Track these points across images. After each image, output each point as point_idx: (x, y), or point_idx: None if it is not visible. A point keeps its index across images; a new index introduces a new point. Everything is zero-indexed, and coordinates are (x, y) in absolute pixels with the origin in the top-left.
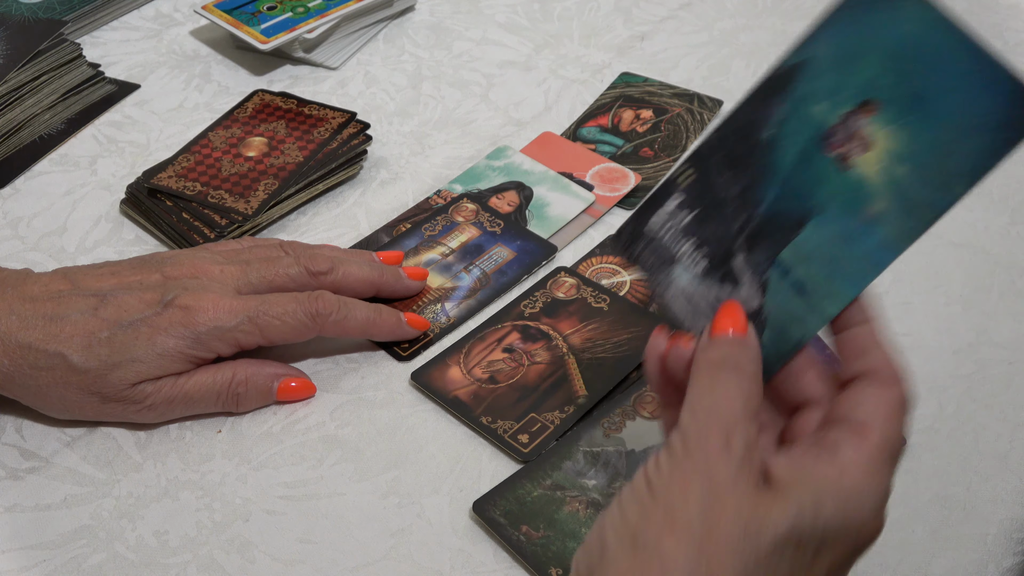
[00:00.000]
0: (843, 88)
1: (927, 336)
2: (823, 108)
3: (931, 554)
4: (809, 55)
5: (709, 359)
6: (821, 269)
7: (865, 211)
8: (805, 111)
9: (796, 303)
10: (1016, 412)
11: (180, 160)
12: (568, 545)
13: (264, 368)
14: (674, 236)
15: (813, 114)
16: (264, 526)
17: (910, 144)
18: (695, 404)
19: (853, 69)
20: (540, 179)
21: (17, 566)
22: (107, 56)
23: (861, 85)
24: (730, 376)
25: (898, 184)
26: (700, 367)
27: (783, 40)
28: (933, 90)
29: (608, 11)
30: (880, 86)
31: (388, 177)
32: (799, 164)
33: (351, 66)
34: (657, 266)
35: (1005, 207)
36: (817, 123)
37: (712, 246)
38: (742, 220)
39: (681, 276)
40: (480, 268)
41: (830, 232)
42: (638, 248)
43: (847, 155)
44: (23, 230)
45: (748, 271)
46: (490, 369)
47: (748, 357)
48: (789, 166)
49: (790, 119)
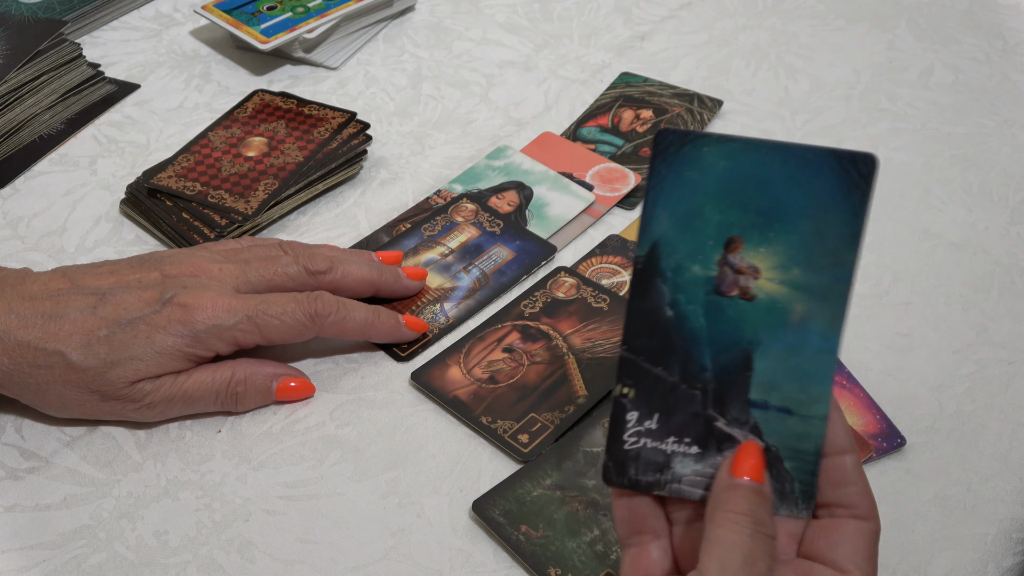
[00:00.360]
0: (701, 244)
1: (927, 336)
2: (698, 268)
3: (931, 554)
4: (657, 236)
5: (736, 507)
6: (791, 385)
7: (791, 320)
8: (684, 279)
9: (791, 424)
10: (1016, 412)
11: (180, 160)
12: (567, 545)
13: (263, 368)
14: (654, 443)
15: (693, 277)
16: (264, 526)
17: (787, 251)
18: (723, 560)
19: (699, 225)
20: (540, 179)
21: (17, 566)
22: (107, 56)
23: (715, 232)
24: (756, 535)
25: (800, 285)
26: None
27: (783, 40)
28: (774, 200)
29: (608, 11)
30: (730, 223)
31: (388, 177)
32: (712, 319)
33: (351, 66)
34: (657, 475)
35: (1005, 207)
36: (702, 281)
37: (692, 431)
38: (700, 393)
39: (683, 469)
40: (479, 268)
41: (776, 353)
42: (631, 473)
43: (745, 289)
44: (23, 230)
45: (735, 427)
46: (490, 369)
47: (768, 513)
48: (705, 327)
49: (677, 294)
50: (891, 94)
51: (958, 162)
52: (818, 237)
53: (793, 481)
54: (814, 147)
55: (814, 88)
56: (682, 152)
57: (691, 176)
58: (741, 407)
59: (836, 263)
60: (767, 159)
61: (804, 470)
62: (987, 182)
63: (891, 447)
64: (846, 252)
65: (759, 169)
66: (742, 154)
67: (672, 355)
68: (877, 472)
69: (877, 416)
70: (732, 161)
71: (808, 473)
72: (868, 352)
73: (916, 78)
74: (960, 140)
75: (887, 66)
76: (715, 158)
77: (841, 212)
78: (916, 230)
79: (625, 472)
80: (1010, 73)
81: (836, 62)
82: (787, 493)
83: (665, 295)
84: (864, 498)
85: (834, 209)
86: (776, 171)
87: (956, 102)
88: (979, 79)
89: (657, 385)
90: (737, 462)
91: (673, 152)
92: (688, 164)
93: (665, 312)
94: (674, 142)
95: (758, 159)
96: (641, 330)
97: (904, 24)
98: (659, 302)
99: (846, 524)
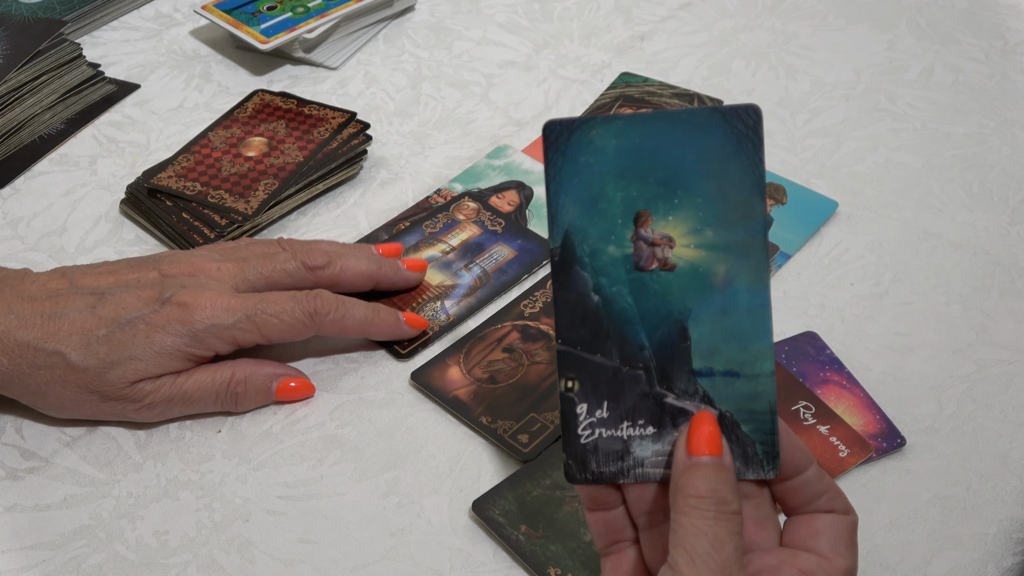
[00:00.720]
0: (611, 224)
1: (927, 336)
2: (613, 249)
3: (931, 554)
4: (566, 225)
5: (696, 491)
6: (731, 347)
7: (715, 283)
8: (602, 262)
9: (739, 386)
10: (1016, 412)
11: (180, 160)
12: (567, 545)
13: (263, 368)
14: (609, 432)
15: (611, 258)
16: (264, 526)
17: (695, 214)
18: (691, 549)
19: (604, 206)
20: (540, 179)
21: (17, 566)
22: (107, 56)
23: (621, 211)
24: (719, 516)
25: (716, 245)
26: (688, 501)
27: (783, 40)
28: (671, 168)
29: (608, 11)
30: (634, 198)
31: (388, 177)
32: (639, 296)
33: (351, 66)
34: (619, 463)
35: (1005, 207)
36: (620, 261)
37: (643, 412)
38: (643, 372)
39: (643, 451)
40: (480, 266)
41: (709, 319)
42: (592, 467)
43: (664, 260)
44: (23, 230)
45: (686, 400)
46: (490, 369)
47: (730, 487)
48: (634, 305)
49: (599, 277)
50: (891, 94)
51: (958, 162)
52: (721, 195)
53: (754, 443)
54: (697, 109)
55: (814, 88)
56: (572, 139)
57: (586, 161)
58: (687, 379)
59: (745, 217)
60: (655, 130)
61: (762, 430)
62: (987, 182)
63: (891, 447)
64: (752, 204)
65: (649, 141)
66: (630, 129)
67: (607, 340)
68: (877, 472)
69: (877, 416)
70: (622, 138)
71: (766, 432)
72: (868, 352)
73: (916, 78)
74: (960, 140)
75: (887, 66)
76: (605, 139)
77: (737, 166)
78: (916, 230)
79: (587, 467)
80: (1010, 73)
81: (836, 62)
82: (750, 456)
83: (588, 281)
84: (837, 500)
85: (729, 165)
86: (666, 139)
87: (956, 102)
88: (979, 79)
89: (599, 373)
90: (692, 437)
91: (564, 141)
92: (581, 150)
93: (591, 299)
94: (563, 131)
95: (646, 131)
96: (572, 321)
97: (904, 24)
98: (583, 289)
99: (824, 517)
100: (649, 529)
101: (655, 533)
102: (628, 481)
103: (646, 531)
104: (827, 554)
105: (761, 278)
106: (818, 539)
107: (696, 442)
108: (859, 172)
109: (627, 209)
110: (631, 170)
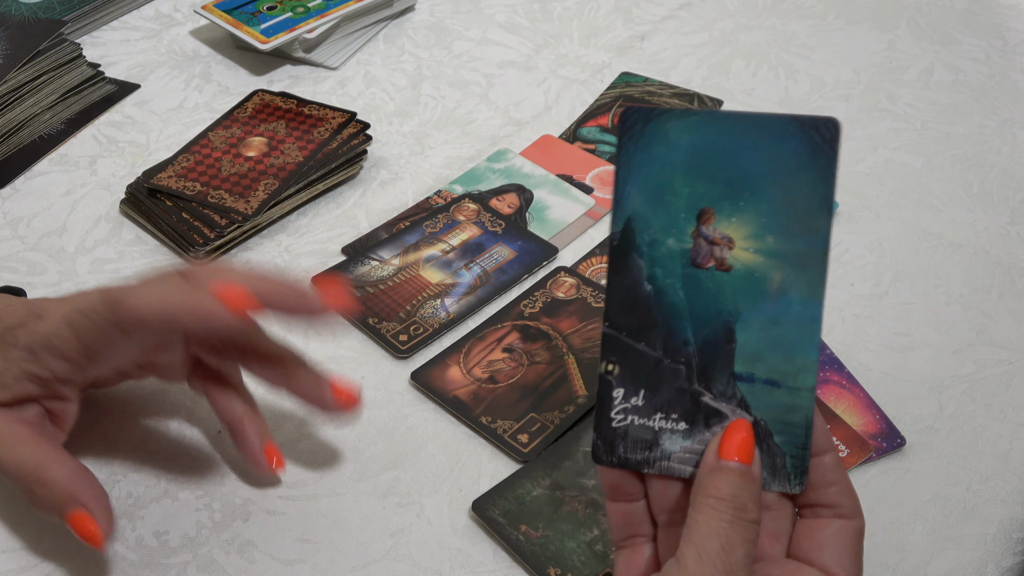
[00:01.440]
0: (674, 218)
1: (927, 336)
2: (672, 242)
3: (931, 554)
4: (630, 212)
5: (717, 492)
6: (775, 357)
7: (770, 290)
8: (660, 254)
9: (778, 396)
10: (1016, 412)
11: (180, 160)
12: (566, 545)
13: (74, 484)
14: (641, 420)
15: (669, 251)
16: (264, 526)
17: (759, 219)
18: (701, 546)
19: (670, 198)
20: (540, 182)
21: (17, 566)
22: (107, 56)
23: (686, 206)
24: (736, 521)
25: (776, 253)
26: (707, 501)
27: (783, 40)
28: (742, 170)
29: (608, 11)
30: (700, 195)
31: (388, 177)
32: (691, 292)
33: (351, 66)
34: (646, 453)
35: (1005, 207)
36: (677, 254)
37: (678, 406)
38: (684, 368)
39: (672, 446)
40: (480, 266)
41: (758, 324)
42: (620, 451)
43: (721, 259)
44: (23, 230)
45: (722, 402)
46: (490, 369)
47: (752, 497)
48: (685, 300)
49: (654, 268)
50: (891, 94)
51: (958, 162)
52: (788, 204)
53: (784, 455)
54: (776, 115)
55: (814, 88)
56: (647, 129)
57: (658, 151)
58: (727, 381)
59: (809, 229)
60: (730, 130)
61: (794, 444)
62: (987, 182)
63: (891, 447)
64: (819, 218)
65: (724, 140)
66: (705, 127)
67: (654, 330)
68: (877, 472)
69: (877, 416)
70: (696, 134)
71: (799, 447)
72: (868, 352)
73: (916, 78)
74: (960, 140)
75: (887, 66)
76: (680, 132)
77: (809, 178)
78: (916, 230)
79: (614, 451)
80: (1010, 73)
81: (836, 62)
82: (778, 468)
83: (643, 270)
84: (846, 496)
85: (801, 175)
86: (740, 141)
87: (956, 102)
88: (979, 79)
89: (641, 361)
90: (725, 442)
91: (639, 129)
92: (654, 140)
93: (644, 287)
94: (639, 119)
95: (721, 130)
96: (622, 306)
97: (904, 24)
98: (637, 277)
99: (830, 524)
100: (668, 527)
101: (674, 532)
102: (652, 472)
103: (665, 529)
104: (832, 568)
105: (816, 292)
106: (822, 552)
107: (728, 447)
108: (859, 172)
109: (692, 204)
110: (701, 167)
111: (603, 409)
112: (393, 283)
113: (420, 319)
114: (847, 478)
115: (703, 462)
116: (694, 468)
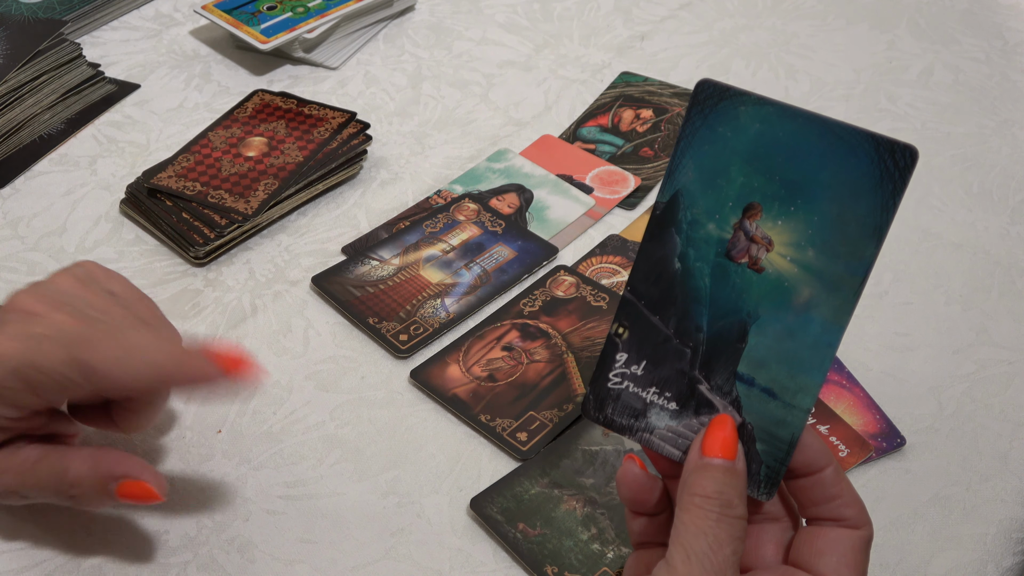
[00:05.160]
0: (721, 204)
1: (927, 336)
2: (713, 227)
3: (931, 554)
4: (680, 185)
5: (702, 490)
6: (780, 369)
7: (795, 303)
8: (698, 235)
9: (772, 408)
10: (1016, 412)
11: (180, 160)
12: (564, 543)
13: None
14: (636, 389)
15: (707, 235)
16: (264, 526)
17: (805, 229)
18: (688, 547)
19: (722, 183)
20: (540, 182)
21: (17, 566)
22: (107, 56)
23: (736, 195)
24: (722, 518)
25: (812, 268)
26: (693, 500)
27: (783, 40)
28: (802, 174)
29: (608, 11)
30: (753, 189)
31: (388, 177)
32: (717, 282)
33: (351, 66)
34: (632, 421)
35: (1005, 207)
36: (715, 241)
37: (674, 386)
38: (690, 352)
39: (658, 422)
40: (480, 266)
41: (773, 333)
42: (608, 411)
43: (755, 259)
44: (23, 230)
45: (717, 396)
46: (489, 367)
47: (738, 492)
48: (709, 287)
49: (689, 248)
50: (891, 94)
51: (958, 162)
52: (840, 223)
53: (761, 464)
54: (854, 127)
55: (814, 88)
56: (720, 107)
57: (723, 132)
58: (727, 377)
59: (853, 254)
60: (802, 130)
61: (774, 456)
62: (987, 182)
63: (891, 447)
64: (866, 245)
65: (792, 138)
66: (778, 120)
67: (672, 307)
68: (877, 472)
69: (877, 416)
70: (767, 125)
71: (778, 460)
72: (868, 352)
73: (916, 78)
74: (960, 140)
75: (887, 66)
76: (750, 119)
77: (869, 202)
78: (916, 230)
79: (602, 409)
80: (1010, 73)
81: (836, 62)
82: (752, 473)
83: (677, 246)
84: (851, 507)
85: (862, 197)
86: (809, 144)
87: (956, 102)
88: (979, 79)
89: (651, 333)
90: (708, 438)
91: (711, 105)
92: (722, 120)
93: (673, 263)
94: (713, 94)
95: (793, 128)
96: (647, 275)
97: (904, 24)
98: (670, 251)
99: (832, 531)
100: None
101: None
102: (633, 439)
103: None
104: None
105: (841, 319)
106: (821, 559)
107: (711, 443)
108: None
109: (742, 196)
110: (762, 160)
111: (603, 367)
112: (393, 283)
113: (420, 319)
114: (850, 488)
115: (687, 460)
116: (673, 448)
